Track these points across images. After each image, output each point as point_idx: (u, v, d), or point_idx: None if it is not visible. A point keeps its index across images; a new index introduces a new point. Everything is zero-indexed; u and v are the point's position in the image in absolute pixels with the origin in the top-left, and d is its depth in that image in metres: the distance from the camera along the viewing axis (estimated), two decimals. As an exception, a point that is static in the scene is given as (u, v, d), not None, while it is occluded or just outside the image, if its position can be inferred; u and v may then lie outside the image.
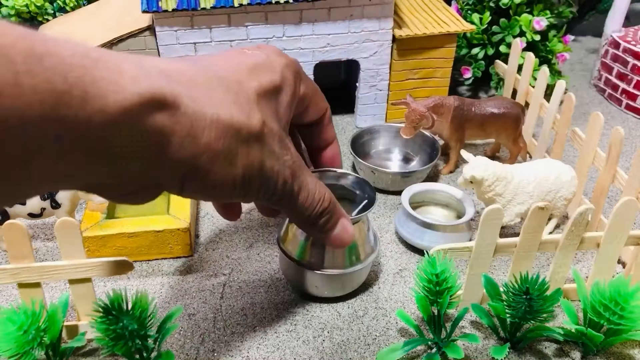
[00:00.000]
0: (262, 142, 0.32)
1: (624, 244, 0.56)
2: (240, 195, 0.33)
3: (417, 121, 0.77)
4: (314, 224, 0.41)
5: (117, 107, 0.24)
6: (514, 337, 0.56)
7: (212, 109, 0.29)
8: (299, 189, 0.37)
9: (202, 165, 0.29)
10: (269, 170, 0.33)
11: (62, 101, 0.21)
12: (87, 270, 0.53)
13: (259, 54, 0.37)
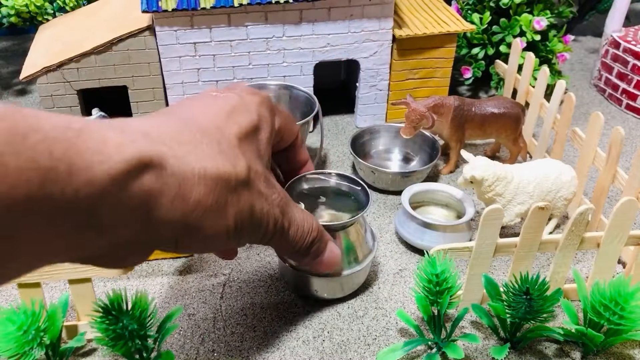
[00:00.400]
0: (250, 186, 0.32)
1: (624, 244, 0.56)
2: (234, 242, 0.33)
3: (417, 121, 0.77)
4: (305, 254, 0.42)
5: (104, 177, 0.24)
6: (514, 337, 0.56)
7: (198, 163, 0.29)
8: (289, 225, 0.38)
9: (194, 223, 0.29)
10: (259, 213, 0.34)
11: (48, 178, 0.21)
12: (87, 270, 0.53)
13: (233, 97, 0.37)
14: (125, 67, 0.83)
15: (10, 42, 1.21)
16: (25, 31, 1.22)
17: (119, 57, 0.82)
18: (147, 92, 0.86)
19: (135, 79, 0.85)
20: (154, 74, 0.84)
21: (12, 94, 1.05)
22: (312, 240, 0.42)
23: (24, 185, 0.20)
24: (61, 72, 0.82)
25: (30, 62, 0.84)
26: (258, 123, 0.37)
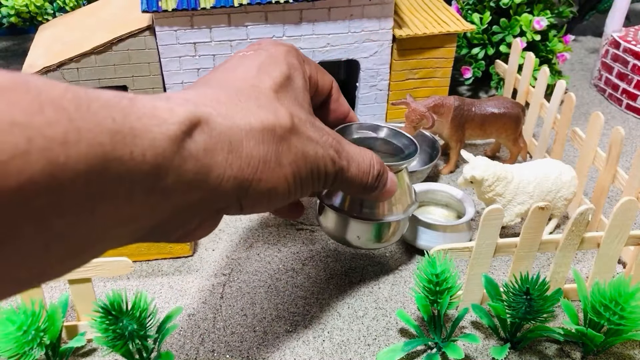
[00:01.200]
0: (297, 133, 0.33)
1: (624, 244, 0.56)
2: (297, 192, 0.33)
3: (417, 121, 0.77)
4: (374, 189, 0.42)
5: (164, 139, 0.24)
6: (514, 337, 0.56)
7: (242, 120, 0.29)
8: (348, 164, 0.38)
9: (251, 177, 0.29)
10: (313, 157, 0.34)
11: (116, 141, 0.22)
12: (87, 270, 0.53)
13: (260, 52, 0.37)
14: (125, 67, 0.83)
15: (10, 42, 1.21)
16: (25, 31, 1.22)
17: (119, 57, 0.82)
18: (147, 92, 0.86)
19: (135, 78, 0.85)
20: (154, 74, 0.84)
21: (12, 94, 1.04)
22: (377, 173, 0.41)
23: (99, 148, 0.21)
24: (61, 72, 0.82)
25: (30, 62, 0.84)
26: (289, 72, 0.37)
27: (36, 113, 0.19)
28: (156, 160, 0.24)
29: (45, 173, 0.19)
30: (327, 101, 0.49)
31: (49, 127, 0.19)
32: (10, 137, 0.18)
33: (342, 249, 0.69)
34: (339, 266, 0.67)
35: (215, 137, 0.27)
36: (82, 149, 0.20)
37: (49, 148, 0.19)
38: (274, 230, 0.73)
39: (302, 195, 0.35)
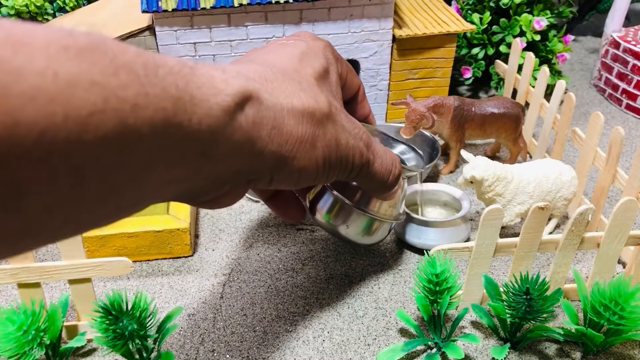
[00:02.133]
0: (333, 120, 0.34)
1: (624, 244, 0.56)
2: (323, 176, 0.35)
3: (417, 121, 0.77)
4: (389, 188, 0.43)
5: (219, 109, 0.26)
6: (514, 337, 0.56)
7: (286, 99, 0.31)
8: (373, 158, 0.39)
9: (288, 154, 0.31)
10: (345, 146, 0.35)
11: (178, 107, 0.23)
12: (87, 270, 0.53)
13: (300, 43, 0.39)
14: (125, 67, 0.83)
15: (10, 42, 1.21)
16: (25, 31, 1.22)
17: (119, 57, 0.82)
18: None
19: (135, 79, 0.85)
20: (154, 74, 0.84)
21: (12, 94, 1.04)
22: (398, 174, 0.43)
23: (162, 112, 0.22)
24: (61, 72, 0.82)
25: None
26: (327, 65, 0.38)
27: (112, 75, 0.20)
28: (210, 128, 0.25)
29: (116, 132, 0.20)
30: (351, 102, 0.50)
31: (123, 90, 0.21)
32: (90, 96, 0.19)
33: (342, 249, 0.69)
34: (339, 266, 0.67)
35: (262, 112, 0.29)
36: (149, 112, 0.22)
37: (121, 109, 0.20)
38: (274, 230, 0.73)
39: (326, 181, 0.36)
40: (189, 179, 0.26)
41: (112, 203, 0.23)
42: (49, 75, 0.18)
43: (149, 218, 0.67)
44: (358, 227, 0.58)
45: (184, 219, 0.67)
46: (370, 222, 0.57)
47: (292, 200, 0.48)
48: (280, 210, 0.47)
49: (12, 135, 0.17)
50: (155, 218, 0.67)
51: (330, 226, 0.58)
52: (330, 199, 0.57)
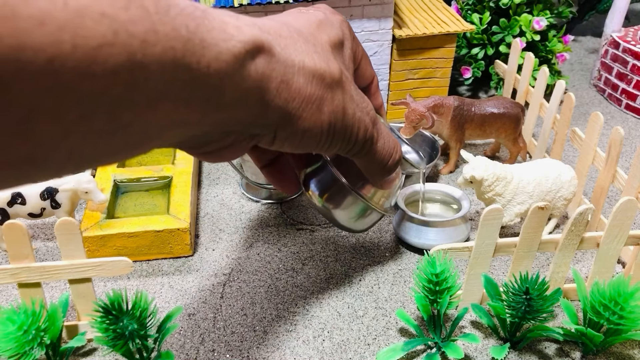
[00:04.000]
0: (343, 88, 0.34)
1: (624, 244, 0.56)
2: (325, 143, 0.34)
3: (417, 121, 0.77)
4: (388, 172, 0.42)
5: (229, 54, 0.25)
6: (513, 337, 0.56)
7: (298, 56, 0.31)
8: (377, 136, 0.39)
9: (294, 112, 0.31)
10: (351, 116, 0.35)
11: (187, 48, 0.23)
12: (87, 270, 0.53)
13: (319, 13, 0.39)
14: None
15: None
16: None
17: (119, 57, 0.82)
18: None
19: (135, 79, 0.85)
20: (154, 74, 0.84)
21: (12, 94, 1.04)
22: (398, 159, 0.42)
23: (171, 52, 0.22)
24: (61, 72, 0.82)
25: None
26: (342, 38, 0.38)
27: (122, 9, 0.20)
28: (219, 73, 0.25)
29: (124, 67, 0.20)
30: (364, 92, 0.50)
31: (133, 25, 0.21)
32: (100, 27, 0.19)
33: (342, 249, 0.69)
34: (339, 266, 0.67)
35: (273, 65, 0.28)
36: (158, 50, 0.22)
37: (130, 44, 0.20)
38: (274, 230, 0.73)
39: (328, 151, 0.36)
40: (194, 124, 0.26)
41: (119, 139, 0.23)
42: (59, 3, 0.18)
43: (149, 218, 0.67)
44: (349, 210, 0.55)
45: (184, 219, 0.67)
46: (363, 208, 0.55)
47: (288, 170, 0.47)
48: (276, 180, 0.47)
49: (18, 58, 0.17)
50: (156, 218, 0.67)
51: (321, 205, 0.56)
52: (328, 177, 0.54)
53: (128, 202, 0.73)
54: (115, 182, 0.73)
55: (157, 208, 0.72)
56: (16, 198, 0.65)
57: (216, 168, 0.85)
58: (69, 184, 0.65)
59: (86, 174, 0.66)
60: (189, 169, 0.76)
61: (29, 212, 0.66)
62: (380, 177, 0.44)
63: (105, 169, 0.75)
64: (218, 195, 0.79)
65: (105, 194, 0.70)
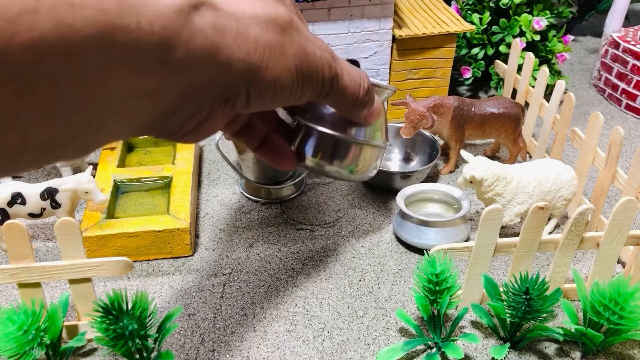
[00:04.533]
0: (297, 29, 0.34)
1: (624, 244, 0.56)
2: (298, 90, 0.34)
3: (417, 121, 0.77)
4: (364, 105, 0.42)
5: (170, 11, 0.25)
6: (513, 337, 0.56)
7: (246, 7, 0.30)
8: (342, 72, 0.39)
9: (259, 62, 0.30)
10: (313, 56, 0.34)
11: (122, 9, 0.23)
12: (87, 270, 0.53)
13: None
14: (125, 67, 0.83)
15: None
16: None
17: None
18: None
19: (135, 79, 0.85)
20: (154, 74, 0.84)
21: (12, 94, 1.05)
22: (367, 87, 0.42)
23: (104, 14, 0.22)
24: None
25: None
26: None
27: None
28: (164, 31, 0.24)
29: (54, 34, 0.20)
30: None
31: None
32: None
33: (342, 249, 0.69)
34: (339, 266, 0.67)
35: (223, 17, 0.28)
36: (88, 13, 0.21)
37: (56, 7, 0.20)
38: (274, 230, 0.73)
39: (301, 98, 0.36)
40: (158, 92, 0.26)
41: (76, 119, 0.22)
42: None
43: (149, 218, 0.67)
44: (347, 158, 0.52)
45: (184, 219, 0.67)
46: (357, 150, 0.52)
47: (282, 146, 0.47)
48: (272, 158, 0.47)
49: None
50: (156, 218, 0.67)
51: (318, 166, 0.52)
52: (312, 136, 0.52)
53: (128, 202, 0.73)
54: (115, 182, 0.73)
55: (157, 208, 0.72)
56: (16, 198, 0.65)
57: (216, 168, 0.85)
58: (69, 184, 0.65)
59: (86, 174, 0.66)
60: (189, 169, 0.76)
61: (29, 212, 0.66)
62: (359, 111, 0.43)
63: (105, 169, 0.75)
64: (218, 195, 0.79)
65: (105, 194, 0.70)
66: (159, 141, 0.84)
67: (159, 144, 0.84)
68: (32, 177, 0.82)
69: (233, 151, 0.87)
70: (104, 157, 0.78)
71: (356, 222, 0.74)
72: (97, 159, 0.82)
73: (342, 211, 0.76)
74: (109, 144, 0.80)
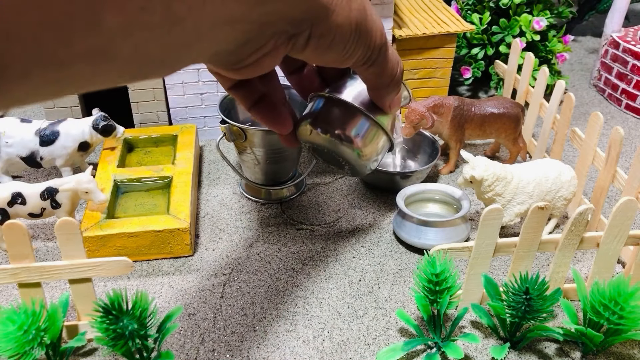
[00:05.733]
0: None
1: (624, 244, 0.56)
2: (351, 46, 0.35)
3: (417, 121, 0.77)
4: (395, 85, 0.43)
5: None
6: (513, 337, 0.56)
7: None
8: (389, 44, 0.39)
9: (329, 5, 0.31)
10: (371, 17, 0.36)
11: None
12: (87, 270, 0.53)
13: None
14: (125, 67, 0.83)
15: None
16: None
17: (119, 57, 0.82)
18: (147, 92, 0.86)
19: (135, 79, 0.85)
20: (154, 74, 0.84)
21: (12, 94, 1.05)
22: (401, 70, 0.42)
23: None
24: (61, 72, 0.82)
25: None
26: None
27: None
28: None
29: None
30: None
31: None
32: None
33: (342, 249, 0.69)
34: (339, 266, 0.67)
35: None
36: None
37: None
38: (274, 230, 0.73)
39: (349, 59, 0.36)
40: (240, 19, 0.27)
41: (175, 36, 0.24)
42: None
43: (150, 218, 0.67)
44: (359, 137, 0.49)
45: (184, 219, 0.67)
46: (372, 132, 0.49)
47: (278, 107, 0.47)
48: (267, 118, 0.46)
49: None
50: (156, 218, 0.67)
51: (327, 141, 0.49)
52: (332, 107, 0.48)
53: (128, 202, 0.73)
54: (115, 182, 0.73)
55: (157, 208, 0.72)
56: (16, 198, 0.65)
57: (216, 168, 0.85)
58: (69, 184, 0.65)
59: (86, 174, 0.66)
60: (189, 169, 0.76)
61: (29, 212, 0.66)
62: (390, 92, 0.44)
63: (105, 169, 0.75)
64: (218, 195, 0.79)
65: (106, 194, 0.70)
66: (159, 141, 0.84)
67: (159, 144, 0.84)
68: (32, 177, 0.82)
69: (233, 151, 0.87)
70: (104, 157, 0.78)
71: (356, 222, 0.74)
72: (97, 159, 0.82)
73: (342, 211, 0.76)
74: (110, 144, 0.80)
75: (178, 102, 0.87)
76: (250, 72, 0.33)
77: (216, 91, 0.88)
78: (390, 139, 0.51)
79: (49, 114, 0.85)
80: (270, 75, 0.44)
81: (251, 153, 0.73)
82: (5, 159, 0.74)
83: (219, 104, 0.74)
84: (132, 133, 0.83)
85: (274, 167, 0.75)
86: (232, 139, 0.72)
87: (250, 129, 0.70)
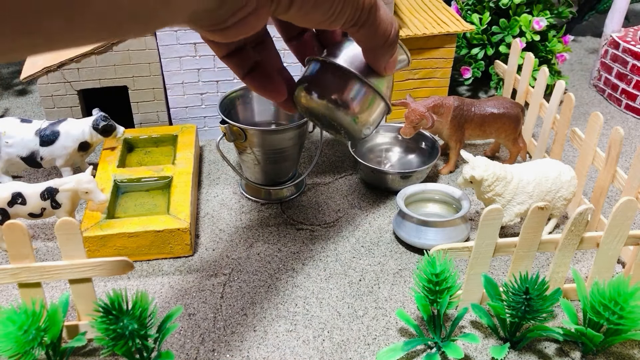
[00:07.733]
0: None
1: (624, 244, 0.56)
2: (337, 8, 0.34)
3: (417, 121, 0.77)
4: (390, 46, 0.42)
5: None
6: (513, 337, 0.56)
7: None
8: (379, 5, 0.38)
9: None
10: None
11: None
12: (87, 270, 0.53)
13: None
14: (126, 67, 0.83)
15: (10, 43, 1.21)
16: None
17: (119, 57, 0.82)
18: (148, 93, 0.86)
19: (135, 79, 0.85)
20: (154, 74, 0.85)
21: (12, 94, 1.05)
22: (397, 30, 0.42)
23: None
24: (62, 73, 0.82)
25: (30, 63, 0.84)
26: None
27: None
28: None
29: None
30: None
31: None
32: None
33: (342, 249, 0.70)
34: (338, 266, 0.67)
35: None
36: None
37: None
38: (274, 230, 0.73)
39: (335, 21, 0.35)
40: None
41: None
42: None
43: (149, 218, 0.67)
44: (356, 101, 0.48)
45: (184, 219, 0.67)
46: (368, 96, 0.48)
47: (272, 75, 0.46)
48: (260, 86, 0.45)
49: None
50: (156, 218, 0.67)
51: (323, 107, 0.48)
52: (327, 72, 0.47)
53: (128, 202, 0.73)
54: (115, 182, 0.73)
55: (157, 208, 0.72)
56: (16, 198, 0.65)
57: (216, 168, 0.85)
58: (69, 184, 0.65)
59: (87, 174, 0.66)
60: (189, 169, 0.76)
61: (30, 212, 0.66)
62: (384, 53, 0.43)
63: (105, 169, 0.75)
64: (218, 195, 0.79)
65: (106, 194, 0.70)
66: (159, 141, 0.84)
67: (159, 144, 0.84)
68: (32, 177, 0.82)
69: (233, 151, 0.87)
70: (104, 157, 0.78)
71: (356, 222, 0.74)
72: (97, 159, 0.82)
73: (342, 211, 0.76)
74: (110, 144, 0.80)
75: (178, 102, 0.87)
76: (235, 33, 0.32)
77: (216, 91, 0.88)
78: (387, 103, 0.50)
79: (49, 114, 0.85)
80: (264, 42, 0.42)
81: (251, 153, 0.73)
82: (6, 159, 0.74)
83: (219, 104, 0.74)
84: (132, 133, 0.83)
85: (274, 167, 0.75)
86: (232, 139, 0.72)
87: (250, 129, 0.70)
